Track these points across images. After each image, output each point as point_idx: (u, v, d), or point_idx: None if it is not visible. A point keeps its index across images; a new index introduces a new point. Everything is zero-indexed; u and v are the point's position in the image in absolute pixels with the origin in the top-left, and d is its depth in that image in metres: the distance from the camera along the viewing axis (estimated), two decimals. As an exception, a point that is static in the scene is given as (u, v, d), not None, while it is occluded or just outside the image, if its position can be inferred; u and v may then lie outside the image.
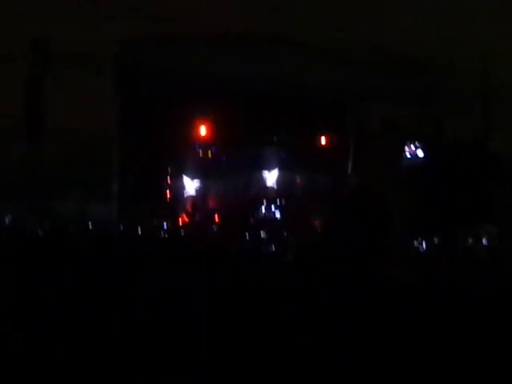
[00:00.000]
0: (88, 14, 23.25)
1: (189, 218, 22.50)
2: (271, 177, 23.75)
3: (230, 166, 23.54)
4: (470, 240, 19.02)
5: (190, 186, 23.35)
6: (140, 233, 17.62)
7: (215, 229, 20.51)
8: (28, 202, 19.32)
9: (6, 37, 20.78)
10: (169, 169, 22.91)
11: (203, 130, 22.07)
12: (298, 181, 23.59)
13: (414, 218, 19.71)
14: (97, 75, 20.64)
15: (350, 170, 22.71)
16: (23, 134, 19.89)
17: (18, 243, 12.10)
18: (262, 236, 19.92)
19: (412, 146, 22.21)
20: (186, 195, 23.24)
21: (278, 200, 23.21)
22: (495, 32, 22.75)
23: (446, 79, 22.47)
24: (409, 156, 22.28)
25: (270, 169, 23.76)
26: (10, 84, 20.56)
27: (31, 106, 20.41)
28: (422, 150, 22.20)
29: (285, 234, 19.72)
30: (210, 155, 23.53)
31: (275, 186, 23.49)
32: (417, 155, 22.33)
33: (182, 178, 23.07)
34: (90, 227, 16.65)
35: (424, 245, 18.11)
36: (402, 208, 19.50)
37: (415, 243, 17.98)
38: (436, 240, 18.52)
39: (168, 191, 23.04)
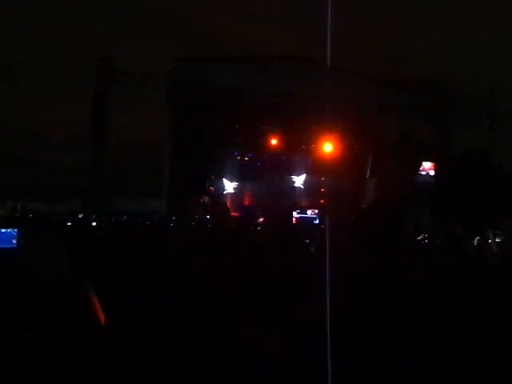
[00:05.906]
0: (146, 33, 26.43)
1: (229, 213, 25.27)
2: (299, 179, 27.02)
3: (263, 170, 26.64)
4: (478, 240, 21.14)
5: (229, 185, 26.64)
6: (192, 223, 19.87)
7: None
8: (94, 197, 22.37)
9: (79, 58, 24.36)
10: (211, 171, 25.98)
11: (241, 138, 24.93)
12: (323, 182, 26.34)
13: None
14: (153, 90, 23.22)
15: (368, 175, 25.49)
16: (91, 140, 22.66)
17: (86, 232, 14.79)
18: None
19: (425, 165, 24.28)
20: (225, 193, 26.39)
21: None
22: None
23: (458, 97, 24.75)
24: (423, 173, 24.30)
25: (298, 173, 26.99)
26: (84, 98, 23.64)
27: (97, 116, 23.09)
28: (434, 168, 24.13)
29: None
30: (246, 160, 26.68)
31: (302, 187, 26.70)
32: (429, 174, 24.31)
33: (222, 179, 26.28)
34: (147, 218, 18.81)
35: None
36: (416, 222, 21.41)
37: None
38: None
39: (210, 190, 26.06)
